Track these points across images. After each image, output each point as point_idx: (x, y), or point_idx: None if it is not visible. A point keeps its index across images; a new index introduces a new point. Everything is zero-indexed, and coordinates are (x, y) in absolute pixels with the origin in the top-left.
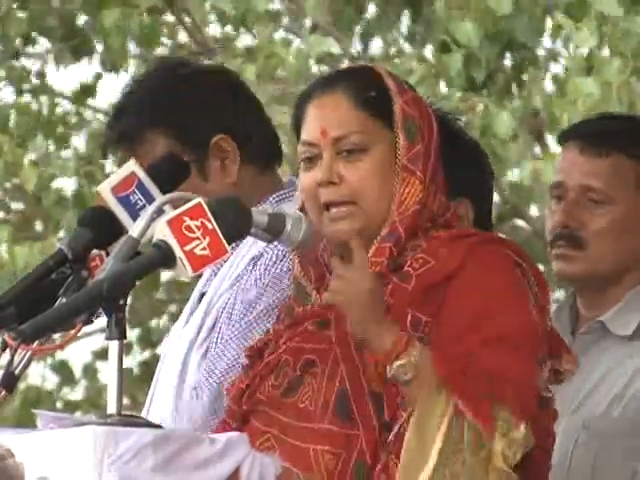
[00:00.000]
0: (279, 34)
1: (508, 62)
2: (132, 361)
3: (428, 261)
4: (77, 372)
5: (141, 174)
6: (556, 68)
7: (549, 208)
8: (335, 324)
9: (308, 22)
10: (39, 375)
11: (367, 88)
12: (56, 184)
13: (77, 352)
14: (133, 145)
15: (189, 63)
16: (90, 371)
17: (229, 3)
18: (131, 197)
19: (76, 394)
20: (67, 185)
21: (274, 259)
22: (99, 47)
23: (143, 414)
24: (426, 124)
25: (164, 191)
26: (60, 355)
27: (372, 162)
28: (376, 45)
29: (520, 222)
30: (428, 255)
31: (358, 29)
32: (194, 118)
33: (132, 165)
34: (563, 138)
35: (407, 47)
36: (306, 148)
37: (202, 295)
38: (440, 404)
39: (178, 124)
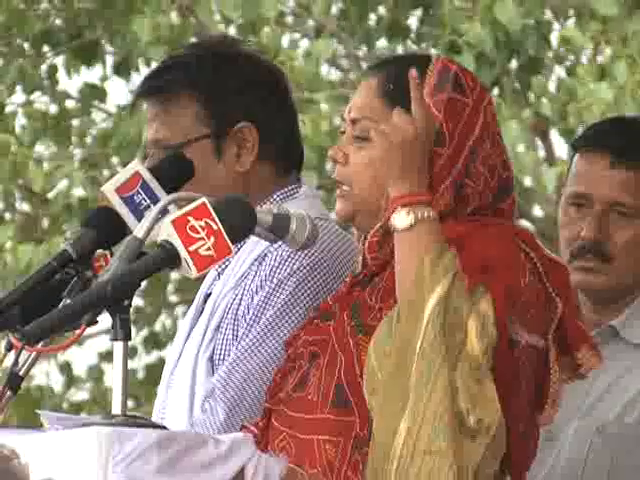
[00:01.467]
0: (286, 38)
1: (515, 65)
2: (138, 363)
3: None
4: (83, 374)
5: (145, 174)
6: (560, 71)
7: (566, 214)
8: (336, 315)
9: (311, 21)
10: (44, 374)
11: (395, 78)
12: (62, 186)
13: (83, 354)
14: (166, 101)
15: (238, 45)
16: (96, 373)
17: (236, 11)
18: (135, 197)
19: (81, 395)
20: (74, 191)
21: (279, 260)
22: (108, 49)
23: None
24: (458, 130)
25: (168, 191)
26: (64, 357)
27: (374, 152)
28: (384, 45)
29: (525, 222)
30: None
31: (365, 29)
32: (230, 97)
33: (136, 165)
34: (583, 145)
35: (414, 47)
36: (342, 122)
37: (207, 296)
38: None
39: (211, 95)
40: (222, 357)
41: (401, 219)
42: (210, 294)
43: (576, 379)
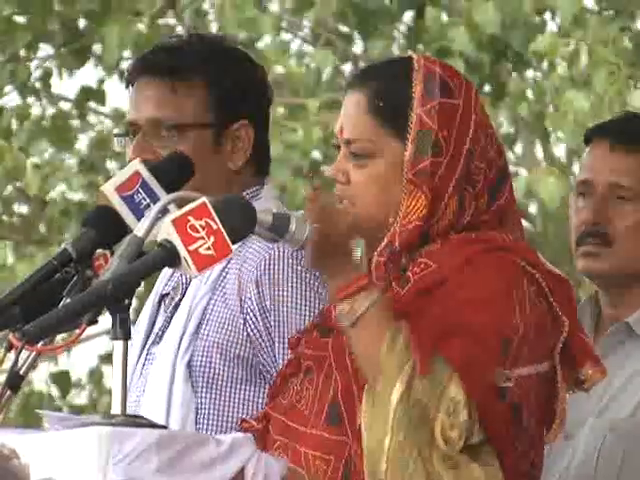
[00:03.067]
0: (282, 42)
1: (502, 67)
2: None
3: (429, 265)
4: (83, 376)
5: (145, 173)
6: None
7: (574, 205)
8: (335, 332)
9: (306, 23)
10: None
11: (383, 94)
12: (59, 190)
13: (83, 355)
14: (176, 82)
15: (238, 47)
16: (96, 375)
17: (237, 29)
18: (135, 196)
19: (81, 399)
20: (71, 195)
21: (276, 272)
22: (97, 49)
23: None
24: (453, 135)
25: (168, 190)
26: (63, 363)
27: (376, 170)
28: (377, 47)
29: (523, 222)
30: (431, 259)
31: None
32: (236, 93)
33: (136, 164)
34: (589, 136)
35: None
36: (336, 138)
37: (163, 296)
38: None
39: (222, 85)
40: (203, 363)
41: (344, 317)
42: (166, 294)
43: (578, 391)
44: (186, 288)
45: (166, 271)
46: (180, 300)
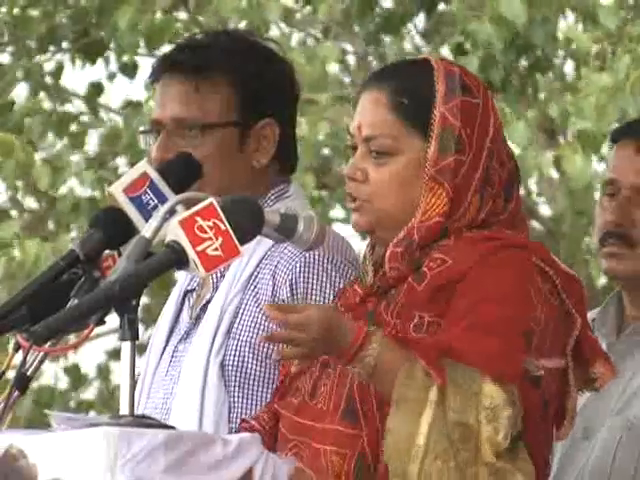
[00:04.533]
0: (293, 37)
1: (523, 65)
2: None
3: (445, 261)
4: (91, 372)
5: (153, 174)
6: (568, 68)
7: (600, 204)
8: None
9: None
10: (51, 377)
11: (406, 92)
12: (69, 185)
13: (91, 352)
14: (200, 80)
15: (265, 43)
16: (104, 371)
17: (240, 15)
18: (143, 197)
19: (89, 394)
20: (81, 191)
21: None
22: (111, 46)
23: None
24: (475, 134)
25: (176, 191)
26: (72, 357)
27: (397, 168)
28: (390, 44)
29: (533, 222)
30: (447, 255)
31: (370, 27)
32: (262, 91)
33: (144, 165)
34: (616, 136)
35: (421, 44)
36: (349, 136)
37: (186, 293)
38: (419, 386)
39: (247, 83)
40: (236, 362)
41: (360, 374)
42: (191, 291)
43: (588, 390)
44: (217, 287)
45: None
46: (187, 292)
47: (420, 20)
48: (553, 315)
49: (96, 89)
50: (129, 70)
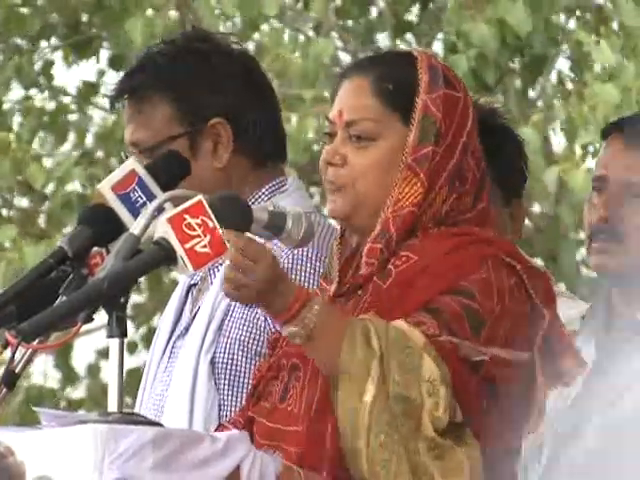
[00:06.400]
0: (286, 34)
1: (518, 64)
2: (137, 360)
3: (411, 258)
4: (80, 371)
5: (141, 171)
6: (563, 65)
7: (589, 200)
8: None
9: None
10: (41, 374)
11: (390, 78)
12: (60, 183)
13: (80, 350)
14: (139, 103)
15: (212, 39)
16: (94, 370)
17: (235, 9)
18: (131, 195)
19: (79, 392)
20: (72, 187)
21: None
22: (105, 44)
23: None
24: (453, 126)
25: (165, 189)
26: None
27: (378, 153)
28: (383, 41)
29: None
30: (413, 253)
31: (364, 25)
32: (199, 94)
33: (132, 163)
34: (607, 131)
35: (413, 42)
36: (328, 124)
37: (190, 287)
38: (360, 360)
39: (182, 94)
40: (225, 359)
41: (296, 336)
42: (194, 285)
43: (560, 386)
44: (211, 283)
45: None
46: (191, 286)
47: (412, 18)
48: (518, 309)
49: (89, 88)
50: (118, 65)
